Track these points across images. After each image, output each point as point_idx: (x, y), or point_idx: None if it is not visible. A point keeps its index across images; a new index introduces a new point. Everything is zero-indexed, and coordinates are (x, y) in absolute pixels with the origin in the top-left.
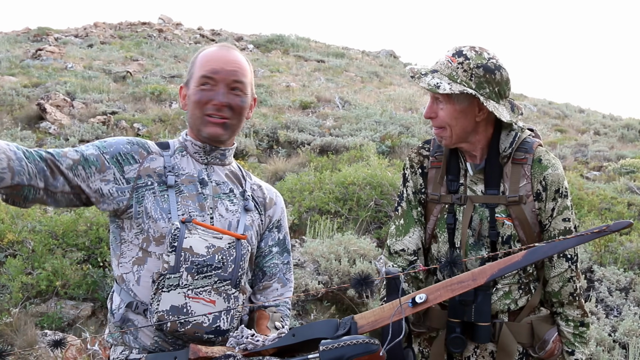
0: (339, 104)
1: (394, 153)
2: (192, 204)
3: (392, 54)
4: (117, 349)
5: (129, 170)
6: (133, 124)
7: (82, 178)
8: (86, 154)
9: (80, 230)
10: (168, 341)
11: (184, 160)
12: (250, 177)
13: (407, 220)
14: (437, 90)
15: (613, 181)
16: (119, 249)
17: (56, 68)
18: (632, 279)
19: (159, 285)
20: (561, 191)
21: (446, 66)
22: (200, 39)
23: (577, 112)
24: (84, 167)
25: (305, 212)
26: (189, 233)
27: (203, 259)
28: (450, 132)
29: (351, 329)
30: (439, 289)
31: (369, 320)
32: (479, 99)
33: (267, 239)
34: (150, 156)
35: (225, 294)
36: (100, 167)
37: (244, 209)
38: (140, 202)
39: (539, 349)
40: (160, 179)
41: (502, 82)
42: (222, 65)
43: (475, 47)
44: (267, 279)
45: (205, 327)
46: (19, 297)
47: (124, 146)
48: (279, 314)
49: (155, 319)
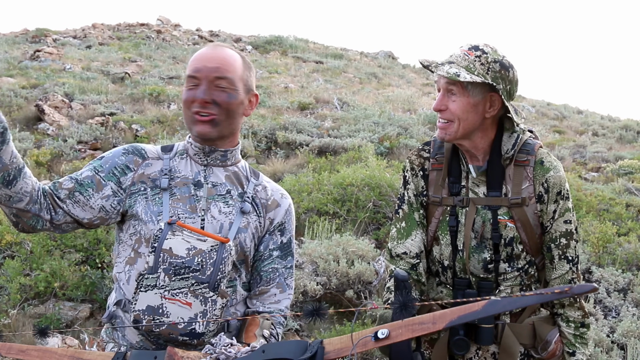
0: (337, 105)
1: (393, 154)
2: (182, 205)
3: (391, 55)
4: (109, 345)
5: (125, 180)
6: (131, 125)
7: (82, 203)
8: (80, 179)
9: (78, 232)
10: (150, 340)
11: (183, 162)
12: (257, 178)
13: (409, 223)
14: (458, 78)
15: (611, 182)
16: (117, 249)
17: (54, 69)
18: (630, 280)
19: (138, 285)
20: (563, 193)
21: (463, 59)
22: (198, 40)
23: (575, 113)
24: (81, 192)
25: (304, 213)
26: (172, 235)
27: (182, 260)
28: (457, 127)
29: (317, 354)
30: (400, 326)
31: (335, 347)
32: (491, 95)
33: (267, 242)
34: (146, 162)
35: (202, 296)
36: (97, 187)
37: (240, 211)
38: (132, 207)
39: (541, 350)
40: (154, 184)
41: (513, 81)
42: (205, 63)
43: (489, 44)
44: (264, 283)
45: (180, 329)
46: (17, 298)
47: (119, 159)
48: (269, 321)
49: (132, 318)
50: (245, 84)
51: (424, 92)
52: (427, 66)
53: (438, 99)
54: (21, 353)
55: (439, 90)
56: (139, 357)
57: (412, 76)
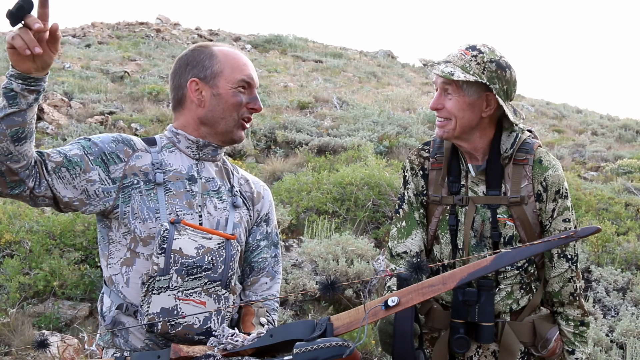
0: (336, 104)
1: (392, 153)
2: (179, 202)
3: (390, 54)
4: (109, 351)
5: (115, 170)
6: (131, 124)
7: (66, 180)
8: (69, 155)
9: (77, 231)
10: (159, 343)
11: (172, 155)
12: (237, 171)
13: (409, 223)
14: (452, 77)
15: (610, 181)
16: (107, 249)
17: (54, 68)
18: (629, 279)
19: (148, 288)
20: (561, 192)
21: (459, 58)
22: (197, 39)
23: (574, 113)
24: (68, 169)
25: (303, 212)
26: (178, 234)
27: (193, 260)
28: (455, 125)
29: (327, 331)
30: (410, 292)
31: (344, 321)
32: (487, 94)
33: (255, 234)
34: (136, 154)
35: (216, 294)
36: (85, 168)
37: (233, 206)
38: (127, 202)
39: (541, 348)
40: (147, 177)
41: (510, 81)
42: (251, 71)
43: (487, 44)
44: (254, 274)
45: (196, 329)
46: (17, 297)
47: (108, 145)
48: (264, 308)
49: (146, 321)
50: None
51: (423, 92)
52: (425, 65)
53: (435, 97)
54: None
55: (437, 89)
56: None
57: (412, 75)
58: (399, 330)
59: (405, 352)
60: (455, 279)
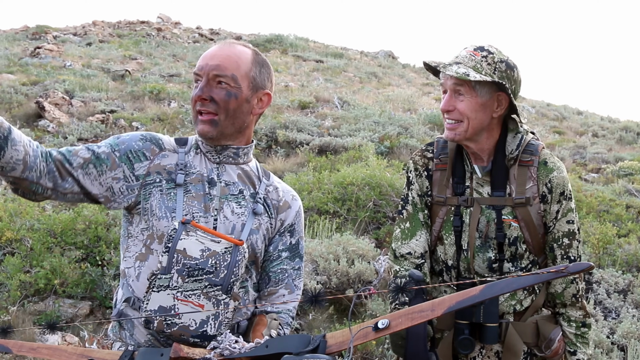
0: (337, 104)
1: (393, 154)
2: (197, 204)
3: (391, 55)
4: (116, 344)
5: (139, 167)
6: (132, 122)
7: (93, 177)
8: (98, 152)
9: (78, 229)
10: (160, 340)
11: (197, 158)
12: (268, 178)
13: (414, 224)
14: (467, 78)
15: (611, 183)
16: (126, 243)
17: (55, 66)
18: (630, 281)
19: (150, 284)
20: (566, 194)
21: (469, 59)
22: (199, 38)
23: (575, 114)
24: (95, 166)
25: (304, 212)
26: (186, 235)
27: (195, 262)
28: (467, 126)
29: (319, 347)
30: (400, 316)
31: (337, 340)
32: (498, 94)
33: (276, 243)
34: (162, 153)
35: (215, 299)
36: (111, 165)
37: (252, 212)
38: (147, 199)
39: (544, 348)
40: (170, 177)
41: (517, 81)
42: (207, 60)
43: (492, 45)
44: (272, 284)
45: (192, 331)
46: (17, 295)
47: (135, 143)
48: (277, 321)
49: (143, 318)
50: (253, 81)
51: (424, 92)
52: (435, 67)
53: (445, 99)
54: (32, 351)
55: (444, 91)
56: (146, 354)
57: (412, 76)
58: (413, 331)
59: (418, 353)
60: (444, 306)
